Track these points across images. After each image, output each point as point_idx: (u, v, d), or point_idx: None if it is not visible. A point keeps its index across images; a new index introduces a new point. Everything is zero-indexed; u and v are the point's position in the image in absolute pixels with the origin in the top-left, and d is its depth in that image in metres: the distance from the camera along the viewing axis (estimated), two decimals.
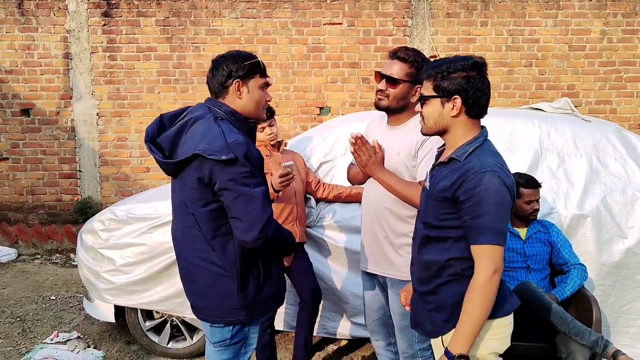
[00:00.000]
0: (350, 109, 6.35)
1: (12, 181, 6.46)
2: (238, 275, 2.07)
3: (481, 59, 1.91)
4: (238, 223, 1.99)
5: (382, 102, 2.48)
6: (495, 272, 1.79)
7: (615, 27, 6.38)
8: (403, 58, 2.44)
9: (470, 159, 1.86)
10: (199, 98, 6.29)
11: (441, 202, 1.91)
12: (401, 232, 2.47)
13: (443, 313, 1.95)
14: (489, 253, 1.79)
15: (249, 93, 2.12)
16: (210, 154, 1.93)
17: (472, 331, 1.80)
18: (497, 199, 1.78)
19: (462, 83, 1.87)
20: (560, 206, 3.27)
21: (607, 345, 2.75)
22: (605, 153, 3.43)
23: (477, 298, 1.80)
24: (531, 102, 5.97)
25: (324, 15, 6.33)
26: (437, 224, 1.93)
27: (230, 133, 1.99)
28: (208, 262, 2.09)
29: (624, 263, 3.19)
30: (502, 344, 1.94)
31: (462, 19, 6.35)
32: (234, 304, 2.09)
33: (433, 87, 1.91)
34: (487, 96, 1.92)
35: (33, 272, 5.45)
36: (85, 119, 6.40)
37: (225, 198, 1.98)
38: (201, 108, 2.12)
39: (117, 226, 3.51)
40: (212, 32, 6.32)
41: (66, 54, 6.32)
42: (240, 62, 2.10)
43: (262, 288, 2.13)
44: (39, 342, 3.85)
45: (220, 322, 2.14)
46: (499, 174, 1.80)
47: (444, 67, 1.89)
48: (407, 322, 2.50)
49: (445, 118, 1.92)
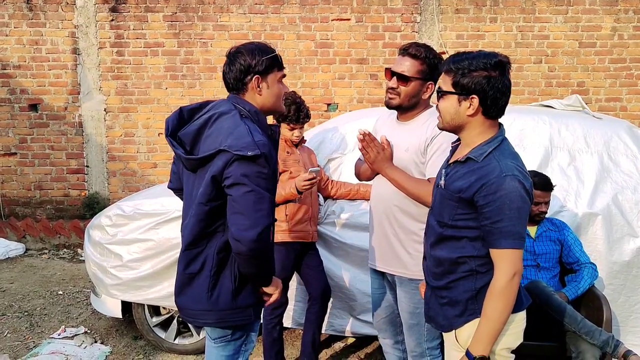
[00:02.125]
0: (358, 106, 6.32)
1: (20, 176, 6.49)
2: (211, 275, 2.02)
3: (505, 58, 1.86)
4: (241, 219, 1.89)
5: (394, 101, 2.43)
6: (515, 275, 1.79)
7: (627, 23, 6.31)
8: (414, 55, 2.39)
9: (489, 160, 1.83)
10: (206, 94, 6.29)
11: (457, 202, 1.88)
12: (410, 230, 2.45)
13: (456, 308, 1.94)
14: (510, 257, 1.79)
15: (269, 88, 2.07)
16: (237, 150, 1.89)
17: (493, 334, 1.82)
18: (518, 204, 1.76)
19: (482, 82, 1.82)
20: (570, 204, 3.24)
21: (617, 345, 2.72)
22: (616, 151, 3.39)
23: (498, 302, 1.80)
24: (540, 99, 5.93)
25: (332, 11, 6.30)
26: (453, 223, 1.91)
27: (255, 132, 1.95)
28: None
29: (634, 262, 3.15)
30: (516, 340, 1.93)
31: (471, 15, 6.30)
32: (204, 305, 2.04)
33: (452, 83, 1.87)
34: (507, 97, 1.87)
35: (41, 267, 5.47)
36: (93, 115, 6.41)
37: (235, 191, 1.90)
38: (226, 104, 2.06)
39: (125, 222, 3.50)
40: (219, 28, 6.30)
41: (74, 49, 6.33)
42: (259, 56, 2.03)
43: (238, 294, 2.04)
44: (47, 337, 3.86)
45: (192, 322, 2.11)
46: (519, 178, 1.78)
47: (466, 64, 1.83)
48: (415, 320, 2.49)
49: (462, 116, 1.88)
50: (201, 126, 2.04)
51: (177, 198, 2.31)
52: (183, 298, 2.11)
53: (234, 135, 1.93)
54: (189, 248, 2.06)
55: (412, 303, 2.48)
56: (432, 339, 2.52)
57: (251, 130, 1.95)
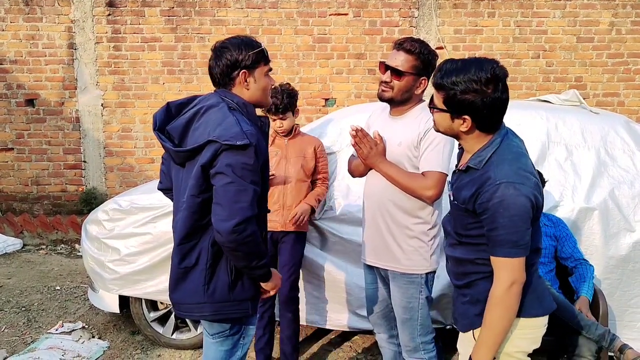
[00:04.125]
0: (355, 101, 6.31)
1: (17, 171, 6.47)
2: (207, 268, 2.03)
3: (502, 71, 1.76)
4: (219, 209, 1.91)
5: (386, 94, 2.44)
6: (514, 284, 1.75)
7: (624, 18, 6.31)
8: (409, 50, 2.39)
9: (487, 167, 1.79)
10: (203, 89, 6.27)
11: (464, 212, 1.86)
12: (403, 224, 2.45)
13: (477, 307, 1.90)
14: (506, 265, 1.76)
15: (256, 82, 2.09)
16: (226, 139, 1.90)
17: (494, 342, 1.80)
18: (512, 211, 1.71)
19: (475, 103, 1.74)
20: (567, 199, 3.24)
21: (613, 339, 2.74)
22: (613, 146, 3.39)
23: (496, 310, 1.78)
24: (538, 94, 5.92)
25: (330, 6, 6.28)
26: (466, 233, 1.89)
27: (243, 123, 1.97)
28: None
29: (631, 257, 3.16)
30: (532, 344, 1.91)
31: (469, 9, 6.29)
32: (199, 298, 2.05)
33: (443, 100, 1.80)
34: (503, 112, 1.81)
35: (38, 262, 5.46)
36: (90, 110, 6.39)
37: (217, 181, 1.93)
38: (213, 97, 2.08)
39: (122, 216, 3.50)
40: (217, 23, 6.28)
41: (71, 44, 6.30)
42: (245, 51, 2.05)
43: (234, 286, 2.05)
44: (44, 332, 3.86)
45: (186, 316, 2.11)
46: (514, 184, 1.71)
47: (458, 84, 1.74)
48: (408, 315, 2.50)
49: (455, 130, 1.85)
50: (189, 119, 2.06)
51: None
52: (178, 293, 2.11)
53: (223, 126, 1.94)
54: (183, 242, 2.06)
55: (405, 297, 2.49)
56: (426, 334, 2.53)
57: (239, 121, 1.96)
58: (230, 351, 2.18)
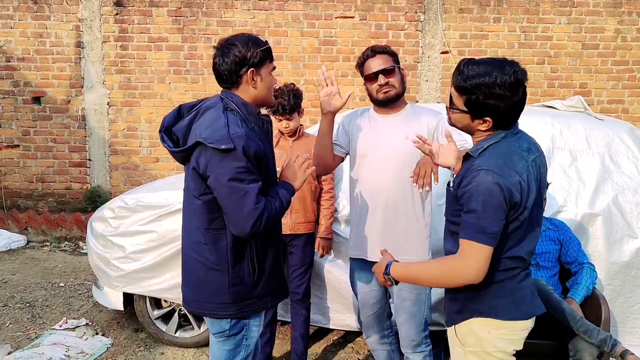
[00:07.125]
0: (360, 104, 6.32)
1: (22, 168, 6.50)
2: (229, 271, 2.07)
3: (523, 75, 1.78)
4: (230, 218, 2.00)
5: (392, 92, 2.54)
6: (465, 268, 1.76)
7: (630, 25, 6.32)
8: (383, 51, 2.56)
9: (480, 156, 1.82)
10: (209, 89, 6.30)
11: (454, 198, 1.90)
12: (414, 216, 2.55)
13: (456, 304, 1.95)
14: (470, 249, 1.76)
15: (262, 81, 2.09)
16: (211, 142, 1.93)
17: (414, 277, 1.98)
18: (485, 197, 1.73)
19: (498, 107, 1.77)
20: (571, 204, 3.26)
21: (615, 345, 2.74)
22: (617, 152, 3.41)
23: (436, 269, 1.89)
24: (543, 100, 5.93)
25: (336, 9, 6.31)
26: (452, 219, 1.93)
27: (233, 125, 1.97)
28: (201, 255, 2.09)
29: (634, 263, 3.17)
30: (511, 345, 1.92)
31: (475, 14, 6.31)
32: (225, 299, 2.09)
33: (465, 102, 1.81)
34: (520, 112, 1.84)
35: (42, 259, 5.49)
36: (96, 108, 6.42)
37: (218, 193, 1.98)
38: (214, 98, 2.12)
39: (127, 214, 3.53)
40: (223, 24, 6.31)
41: (78, 42, 6.34)
42: (253, 48, 2.03)
43: (257, 285, 2.12)
44: (48, 328, 3.88)
45: (210, 315, 2.14)
46: (493, 173, 1.73)
47: (481, 88, 1.75)
48: (417, 307, 2.59)
49: (474, 129, 1.88)
50: (191, 120, 2.09)
51: (180, 191, 2.33)
52: (197, 293, 2.14)
53: (212, 127, 1.97)
54: (199, 244, 2.09)
55: (414, 289, 2.56)
56: (427, 328, 2.65)
57: (229, 123, 1.97)
58: (233, 351, 2.20)
